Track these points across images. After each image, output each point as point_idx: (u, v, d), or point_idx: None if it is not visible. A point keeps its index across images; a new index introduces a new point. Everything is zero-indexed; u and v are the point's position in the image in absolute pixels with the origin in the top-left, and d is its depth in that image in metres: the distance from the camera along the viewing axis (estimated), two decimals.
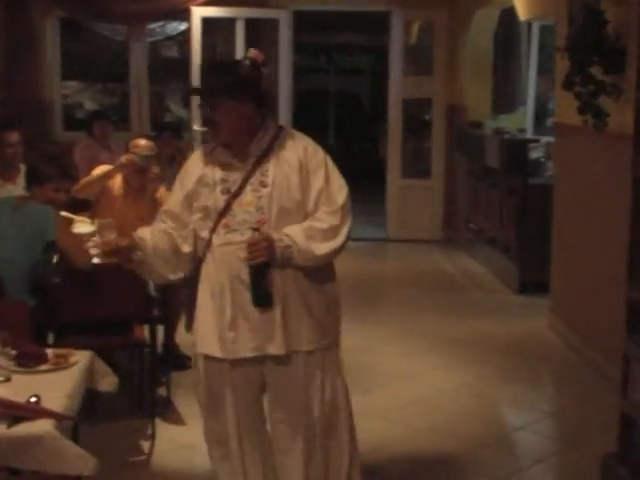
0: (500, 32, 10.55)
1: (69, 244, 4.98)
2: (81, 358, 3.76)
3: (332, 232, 3.74)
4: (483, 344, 7.01)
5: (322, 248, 3.71)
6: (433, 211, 11.29)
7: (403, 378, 6.29)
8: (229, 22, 10.93)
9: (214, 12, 10.75)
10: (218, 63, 3.88)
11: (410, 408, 5.73)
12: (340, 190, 3.80)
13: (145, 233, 3.84)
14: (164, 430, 5.37)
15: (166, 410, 5.74)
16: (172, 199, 3.88)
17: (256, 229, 3.66)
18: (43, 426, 3.07)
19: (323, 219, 3.74)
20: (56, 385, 3.46)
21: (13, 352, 3.68)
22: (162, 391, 5.86)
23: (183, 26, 11.04)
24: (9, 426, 3.05)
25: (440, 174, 11.28)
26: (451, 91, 11.06)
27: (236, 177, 3.75)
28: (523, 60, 10.57)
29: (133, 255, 3.78)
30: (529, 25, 10.19)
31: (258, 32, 11.01)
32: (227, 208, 3.73)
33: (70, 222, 6.12)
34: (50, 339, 5.22)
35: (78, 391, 3.53)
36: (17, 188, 6.95)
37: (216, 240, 3.76)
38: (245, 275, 3.67)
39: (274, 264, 3.66)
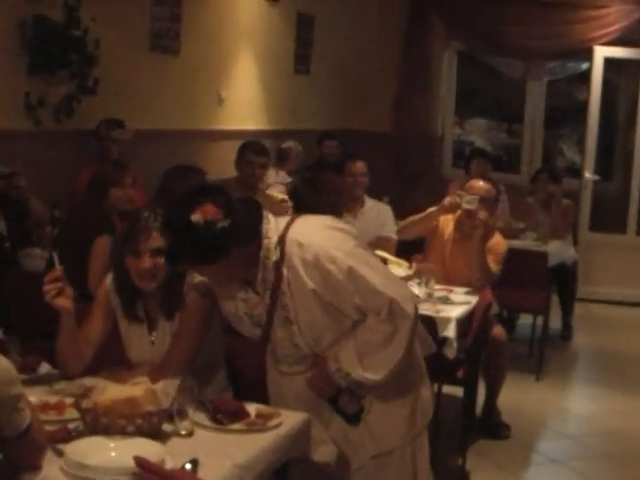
0: None
1: None
2: (288, 421, 3.27)
3: (389, 342, 3.22)
4: None
5: (383, 367, 3.25)
6: None
7: None
8: (635, 64, 10.05)
9: (618, 53, 9.93)
10: (173, 228, 3.14)
11: None
12: (378, 298, 3.19)
13: None
14: None
15: None
16: None
17: (312, 365, 3.38)
18: None
19: (375, 330, 3.23)
20: (234, 450, 3.00)
21: (210, 404, 3.30)
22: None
23: (585, 65, 10.29)
24: None
25: None
26: None
27: (260, 311, 3.32)
28: None
29: None
30: None
31: None
32: (266, 339, 3.39)
33: (384, 262, 5.71)
34: None
35: (261, 460, 3.04)
36: (354, 221, 6.66)
37: (269, 368, 3.57)
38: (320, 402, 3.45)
39: (344, 390, 3.37)
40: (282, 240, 3.23)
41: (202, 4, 8.03)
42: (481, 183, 6.02)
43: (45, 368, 3.67)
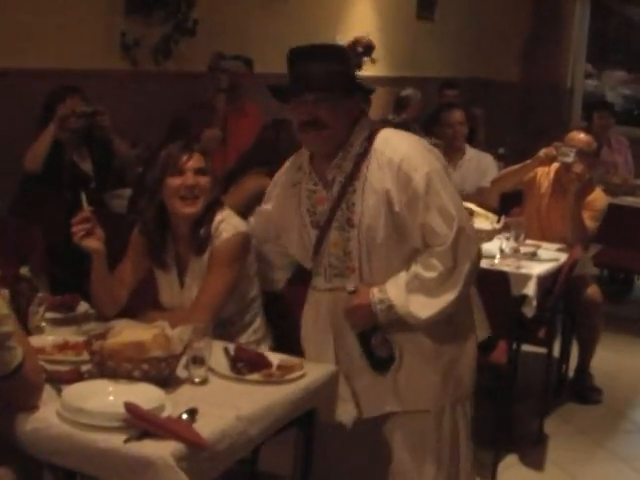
0: None
1: None
2: (312, 374, 3.15)
3: (444, 280, 3.06)
4: None
5: (429, 307, 3.08)
6: None
7: None
8: None
9: None
10: (325, 48, 3.17)
11: None
12: (449, 221, 3.03)
13: None
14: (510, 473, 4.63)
15: (532, 448, 4.97)
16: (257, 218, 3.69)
17: (352, 292, 3.15)
18: (161, 450, 2.53)
19: (432, 264, 3.05)
20: (243, 401, 2.90)
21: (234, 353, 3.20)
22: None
23: None
24: (127, 440, 2.57)
25: None
26: None
27: (324, 209, 3.19)
28: None
29: None
30: None
31: None
32: (318, 245, 3.22)
33: (470, 214, 5.51)
34: None
35: (271, 413, 2.92)
36: (454, 172, 6.48)
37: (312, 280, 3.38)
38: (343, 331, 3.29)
39: (381, 326, 3.17)
40: (371, 137, 3.13)
41: None
42: (582, 135, 5.72)
43: (83, 307, 3.66)
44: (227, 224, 3.50)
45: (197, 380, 3.03)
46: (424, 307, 3.08)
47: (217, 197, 3.61)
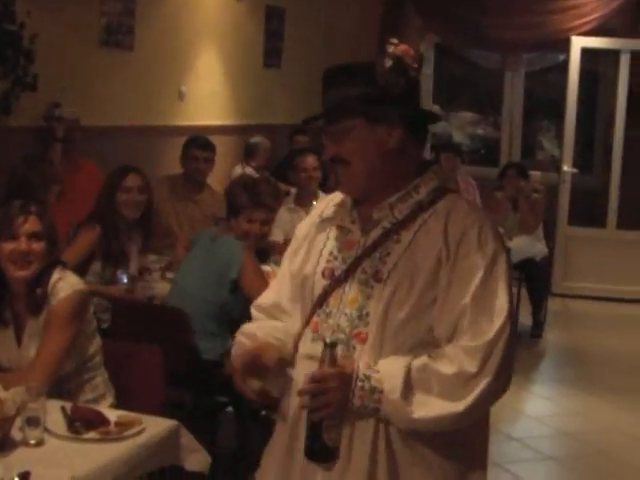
0: None
1: (255, 285, 4.37)
2: (151, 429, 3.12)
3: (459, 384, 2.32)
4: None
5: (430, 409, 2.33)
6: None
7: None
8: (612, 54, 9.83)
9: (596, 43, 9.70)
10: (344, 67, 2.50)
11: None
12: (497, 314, 2.34)
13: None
14: None
15: None
16: (275, 286, 2.72)
17: (332, 344, 2.35)
18: None
19: (452, 356, 2.33)
20: (79, 460, 2.85)
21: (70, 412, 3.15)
22: None
23: (562, 56, 10.06)
24: None
25: None
26: None
27: (349, 254, 2.47)
28: None
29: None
30: None
31: None
32: (323, 300, 2.48)
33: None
34: None
35: (108, 471, 2.88)
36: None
37: (301, 346, 2.54)
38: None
39: (348, 412, 2.37)
40: (441, 191, 2.48)
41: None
42: None
43: None
44: (64, 283, 3.47)
45: (32, 442, 2.97)
46: (420, 404, 2.33)
47: (55, 257, 3.56)
